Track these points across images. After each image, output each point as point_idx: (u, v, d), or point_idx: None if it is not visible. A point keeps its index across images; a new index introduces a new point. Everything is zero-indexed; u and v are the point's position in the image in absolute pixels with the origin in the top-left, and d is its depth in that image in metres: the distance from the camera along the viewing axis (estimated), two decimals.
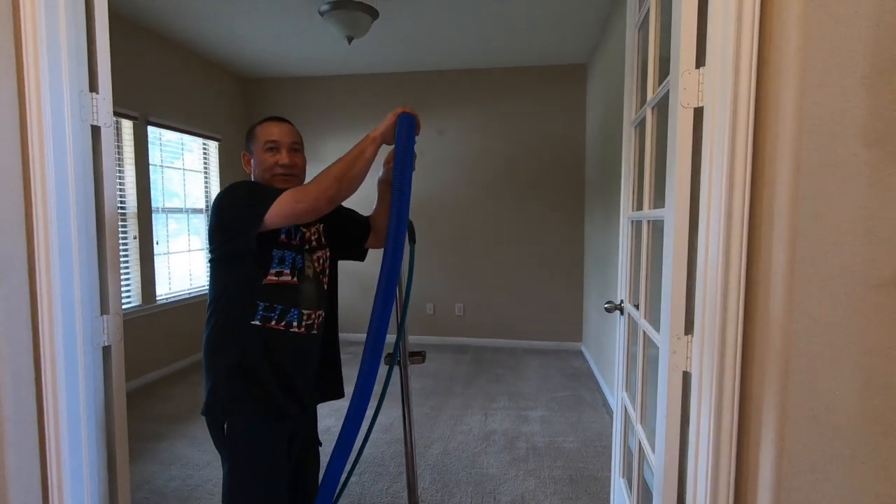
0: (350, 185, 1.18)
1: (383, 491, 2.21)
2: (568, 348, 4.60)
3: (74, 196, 1.15)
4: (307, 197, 1.15)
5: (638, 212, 1.59)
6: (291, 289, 1.25)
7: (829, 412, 0.78)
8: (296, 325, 1.26)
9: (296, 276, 1.26)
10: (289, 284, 1.25)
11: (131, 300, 3.60)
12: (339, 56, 4.23)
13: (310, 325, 1.29)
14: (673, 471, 1.10)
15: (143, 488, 2.22)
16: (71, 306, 1.15)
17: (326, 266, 1.37)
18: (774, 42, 0.87)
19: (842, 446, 0.74)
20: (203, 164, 4.44)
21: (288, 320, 1.25)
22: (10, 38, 1.09)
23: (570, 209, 4.53)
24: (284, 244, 1.25)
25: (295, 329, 1.26)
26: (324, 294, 1.35)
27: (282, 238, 1.25)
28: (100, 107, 1.23)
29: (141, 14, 3.40)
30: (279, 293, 1.24)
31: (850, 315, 0.72)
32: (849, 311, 0.72)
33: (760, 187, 0.91)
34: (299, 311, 1.26)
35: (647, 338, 1.46)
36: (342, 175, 1.17)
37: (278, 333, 1.23)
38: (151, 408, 3.18)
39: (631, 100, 1.67)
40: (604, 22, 3.51)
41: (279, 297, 1.24)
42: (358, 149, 1.20)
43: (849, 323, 0.73)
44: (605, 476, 2.33)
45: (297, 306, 1.26)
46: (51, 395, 1.13)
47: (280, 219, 1.15)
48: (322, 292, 1.34)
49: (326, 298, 1.36)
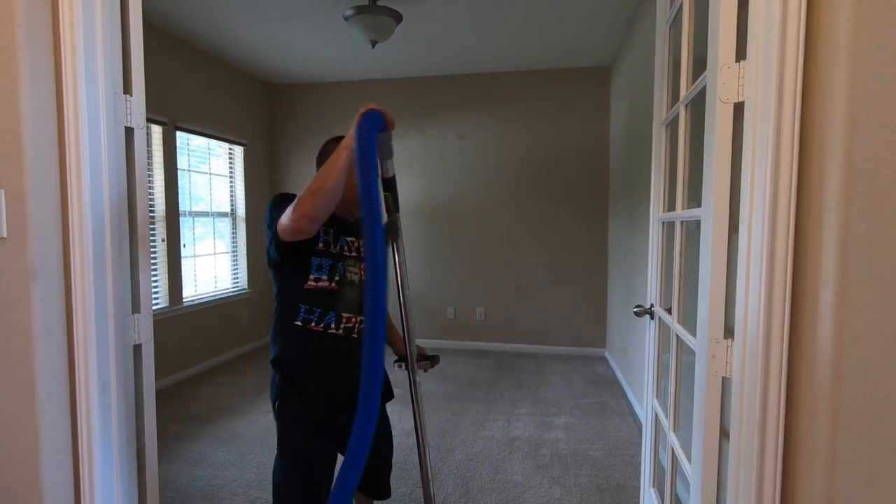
0: (326, 199, 1.11)
1: (406, 495, 2.19)
2: (591, 354, 4.52)
3: (108, 195, 1.17)
4: (293, 216, 1.13)
5: (670, 213, 1.54)
6: (330, 293, 1.32)
7: (886, 422, 0.73)
8: (334, 327, 1.33)
9: (334, 282, 1.33)
10: (327, 289, 1.32)
11: (159, 302, 3.67)
12: (362, 61, 4.27)
13: (349, 329, 1.35)
14: (711, 482, 1.06)
15: (170, 487, 2.25)
16: (104, 304, 1.17)
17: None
18: (823, 31, 0.83)
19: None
20: (229, 168, 4.52)
21: (326, 322, 1.32)
22: (50, 42, 1.12)
23: (593, 212, 4.46)
24: (323, 252, 1.32)
25: (333, 331, 1.33)
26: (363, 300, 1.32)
27: (320, 246, 1.31)
28: (133, 109, 1.25)
29: (170, 22, 3.49)
30: (318, 297, 1.31)
31: None
32: None
33: (808, 184, 0.86)
34: (337, 315, 1.33)
35: (680, 342, 1.41)
36: (317, 190, 1.10)
37: (317, 334, 1.32)
38: (177, 408, 3.23)
39: (661, 99, 1.63)
40: (629, 23, 3.46)
41: (318, 300, 1.31)
42: (332, 160, 1.11)
43: None
44: (632, 485, 2.26)
45: (335, 309, 1.33)
46: (83, 391, 1.14)
47: (287, 235, 1.18)
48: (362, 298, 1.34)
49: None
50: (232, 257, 4.57)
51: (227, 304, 4.38)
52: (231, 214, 4.55)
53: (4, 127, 1.08)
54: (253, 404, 3.28)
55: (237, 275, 4.63)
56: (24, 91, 1.08)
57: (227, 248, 4.52)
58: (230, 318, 4.43)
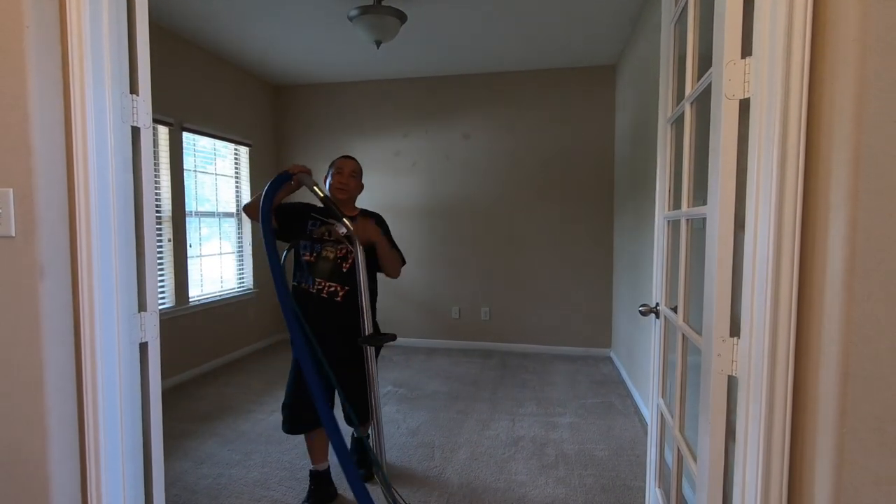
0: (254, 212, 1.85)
1: (411, 494, 2.19)
2: (596, 354, 4.50)
3: (115, 194, 1.18)
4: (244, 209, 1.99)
5: (675, 211, 1.53)
6: (309, 264, 2.00)
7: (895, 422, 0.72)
8: (311, 287, 1.98)
9: (314, 256, 2.00)
10: (308, 261, 2.00)
11: (165, 301, 3.70)
12: (368, 62, 4.28)
13: (320, 290, 1.97)
14: (717, 481, 1.05)
15: (176, 485, 2.26)
16: (111, 302, 1.18)
17: (349, 256, 1.98)
18: (829, 24, 0.82)
19: None
20: (234, 169, 4.55)
21: (307, 283, 1.99)
22: (57, 42, 1.12)
23: (598, 212, 4.45)
24: (309, 237, 2.00)
25: (310, 290, 1.98)
26: (341, 273, 1.98)
27: (307, 233, 2.00)
28: (139, 108, 1.26)
29: (176, 23, 3.51)
30: (305, 266, 2.00)
31: None
32: None
33: (814, 181, 0.86)
34: (313, 279, 1.99)
35: (686, 341, 1.41)
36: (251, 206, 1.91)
37: (302, 291, 2.00)
38: (183, 407, 3.25)
39: (667, 96, 1.62)
40: (633, 22, 3.45)
41: (304, 268, 2.00)
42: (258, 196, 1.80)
43: None
44: (638, 486, 2.25)
45: (312, 275, 1.99)
46: (90, 389, 1.15)
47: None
48: (338, 271, 1.98)
49: (344, 277, 1.98)
50: (238, 257, 4.59)
51: (232, 303, 4.40)
52: (237, 215, 4.58)
53: (13, 127, 1.09)
54: (259, 403, 3.29)
55: (242, 275, 4.65)
56: (32, 91, 1.09)
57: (233, 248, 4.54)
58: (236, 317, 4.45)
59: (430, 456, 2.55)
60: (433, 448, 2.64)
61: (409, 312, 4.87)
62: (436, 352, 4.65)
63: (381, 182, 4.82)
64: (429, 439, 2.75)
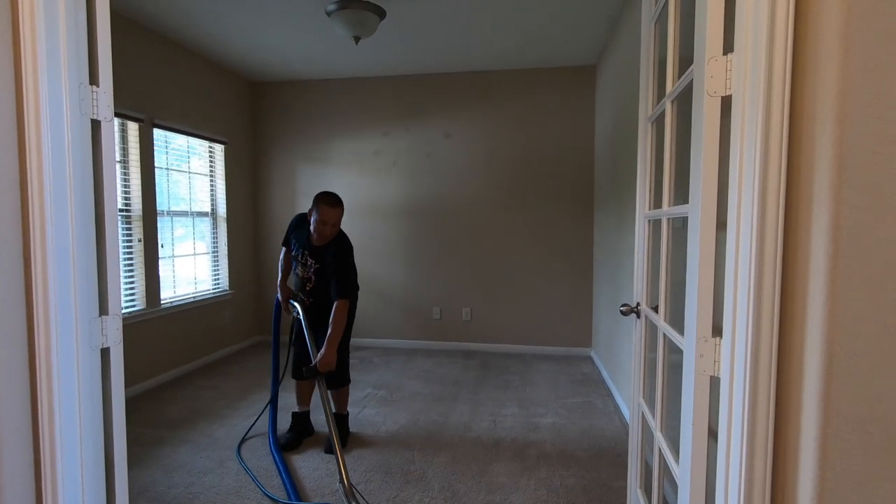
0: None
1: (391, 499, 2.15)
2: (577, 354, 4.52)
3: (72, 192, 1.11)
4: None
5: (656, 210, 1.53)
6: (294, 275, 2.73)
7: (878, 422, 0.71)
8: (298, 290, 2.73)
9: (297, 272, 2.70)
10: (294, 272, 2.73)
11: (135, 304, 3.57)
12: (346, 58, 4.21)
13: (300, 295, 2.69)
14: (700, 482, 1.04)
15: (144, 495, 2.17)
16: (68, 306, 1.11)
17: (312, 277, 2.62)
18: (812, 19, 0.81)
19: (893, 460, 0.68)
20: (209, 167, 4.42)
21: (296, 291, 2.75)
22: (8, 27, 1.05)
23: (579, 212, 4.47)
24: (295, 259, 2.70)
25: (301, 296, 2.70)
26: (307, 289, 2.65)
27: (294, 256, 2.71)
28: (100, 100, 1.19)
29: (147, 16, 3.39)
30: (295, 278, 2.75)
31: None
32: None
33: (797, 178, 0.85)
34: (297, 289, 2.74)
35: (667, 341, 1.40)
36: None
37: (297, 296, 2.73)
38: (154, 413, 3.14)
39: (647, 95, 1.62)
40: (614, 21, 3.46)
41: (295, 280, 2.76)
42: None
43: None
44: (619, 486, 2.25)
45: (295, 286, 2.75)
46: (45, 398, 1.08)
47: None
48: (305, 287, 2.65)
49: (309, 293, 2.65)
50: (213, 258, 4.47)
51: (207, 305, 4.28)
52: (212, 214, 4.46)
53: None
54: (234, 408, 3.20)
55: (218, 276, 4.53)
56: None
57: (208, 248, 4.42)
58: (211, 319, 4.33)
59: (411, 459, 2.51)
60: (413, 451, 2.60)
61: (389, 313, 4.81)
62: (417, 353, 4.61)
63: (361, 182, 4.75)
64: (409, 442, 2.71)
